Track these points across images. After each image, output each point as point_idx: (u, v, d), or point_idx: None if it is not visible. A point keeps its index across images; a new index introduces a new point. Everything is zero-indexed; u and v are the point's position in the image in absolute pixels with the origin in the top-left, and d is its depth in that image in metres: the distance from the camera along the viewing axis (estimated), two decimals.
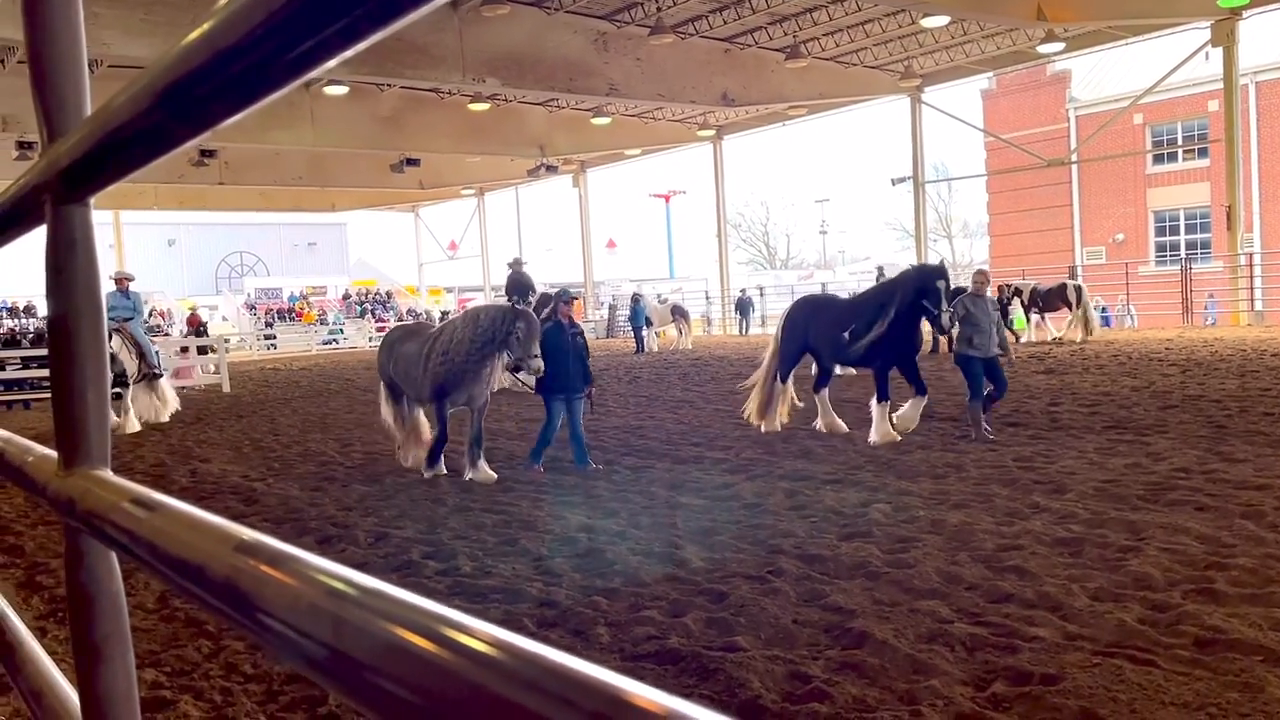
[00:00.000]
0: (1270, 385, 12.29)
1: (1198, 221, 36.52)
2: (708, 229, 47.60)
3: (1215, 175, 31.43)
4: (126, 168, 0.91)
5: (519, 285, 17.47)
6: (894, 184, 37.13)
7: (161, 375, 14.93)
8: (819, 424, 10.66)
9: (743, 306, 36.54)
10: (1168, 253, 36.39)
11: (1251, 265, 26.32)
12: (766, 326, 35.15)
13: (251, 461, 10.79)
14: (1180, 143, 36.71)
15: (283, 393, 20.47)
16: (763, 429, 10.65)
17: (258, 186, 40.33)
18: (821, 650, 4.26)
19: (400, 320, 49.17)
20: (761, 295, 40.08)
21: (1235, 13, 23.19)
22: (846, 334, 10.02)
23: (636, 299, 30.26)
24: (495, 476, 8.72)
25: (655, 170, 64.12)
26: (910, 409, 9.93)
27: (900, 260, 55.57)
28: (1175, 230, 37.50)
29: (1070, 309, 22.55)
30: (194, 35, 0.67)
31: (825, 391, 10.77)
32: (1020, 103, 40.54)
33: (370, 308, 50.51)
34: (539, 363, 8.43)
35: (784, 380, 10.78)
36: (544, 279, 65.91)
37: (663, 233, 63.62)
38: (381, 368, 9.80)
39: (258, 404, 18.05)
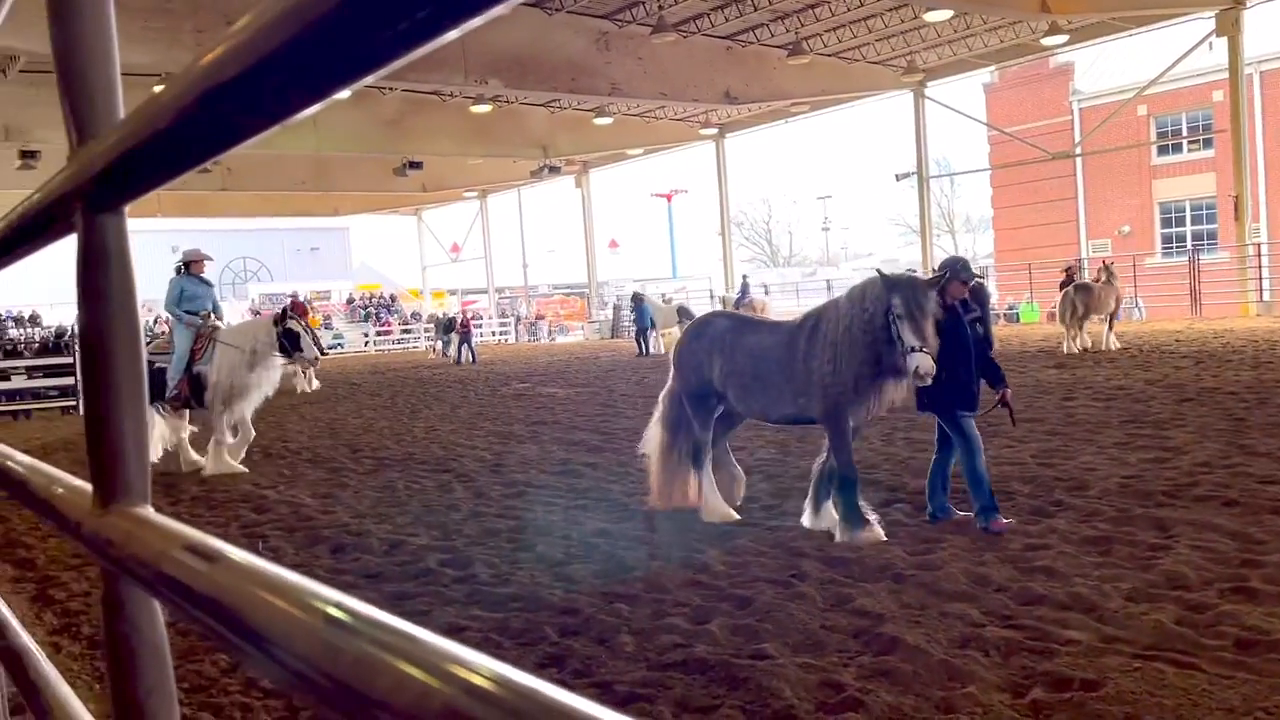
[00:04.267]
0: None
1: (1204, 212, 36.35)
2: (710, 227, 47.57)
3: (1221, 165, 31.29)
4: (166, 174, 0.82)
5: None
6: (898, 179, 37.02)
7: None
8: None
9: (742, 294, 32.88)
10: (1174, 244, 36.21)
11: (1260, 255, 26.18)
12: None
13: (261, 469, 10.71)
14: (1185, 133, 36.54)
15: (287, 400, 20.37)
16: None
17: (260, 192, 40.32)
18: (852, 657, 4.17)
19: (404, 324, 49.08)
20: (766, 293, 39.30)
21: (1239, 2, 23.06)
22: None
23: (639, 299, 28.18)
24: (883, 536, 5.89)
25: (657, 170, 64.03)
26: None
27: (903, 257, 55.31)
28: (1181, 222, 37.32)
29: None
30: (242, 35, 0.58)
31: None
32: (1023, 96, 40.34)
33: (374, 311, 50.45)
34: (928, 361, 5.43)
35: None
36: (548, 280, 66.06)
37: (665, 232, 63.53)
38: (694, 371, 6.61)
39: (263, 411, 17.94)
